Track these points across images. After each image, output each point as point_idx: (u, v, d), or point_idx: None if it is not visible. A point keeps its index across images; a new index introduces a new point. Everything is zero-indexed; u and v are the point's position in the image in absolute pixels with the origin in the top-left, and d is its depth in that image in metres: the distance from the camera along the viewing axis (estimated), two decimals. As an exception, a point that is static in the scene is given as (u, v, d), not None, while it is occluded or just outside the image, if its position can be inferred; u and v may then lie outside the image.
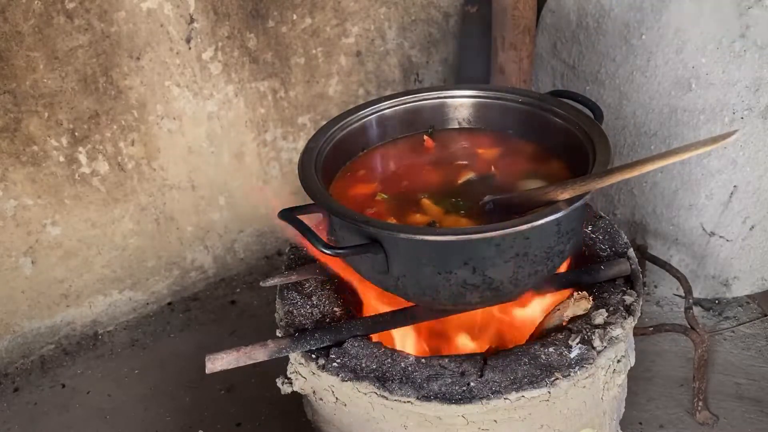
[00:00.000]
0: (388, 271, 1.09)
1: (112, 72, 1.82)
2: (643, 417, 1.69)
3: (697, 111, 1.76)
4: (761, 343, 1.88)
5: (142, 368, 1.98)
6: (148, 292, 2.15)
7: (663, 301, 2.00)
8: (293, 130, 2.19)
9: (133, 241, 2.05)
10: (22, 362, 2.00)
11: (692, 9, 1.73)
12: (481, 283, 1.08)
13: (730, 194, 1.79)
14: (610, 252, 1.38)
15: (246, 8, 1.95)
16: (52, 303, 2.00)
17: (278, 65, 2.07)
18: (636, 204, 1.97)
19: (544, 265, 1.11)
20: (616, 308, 1.24)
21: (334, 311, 1.32)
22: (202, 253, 2.20)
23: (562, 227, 1.09)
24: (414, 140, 1.40)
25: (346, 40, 2.15)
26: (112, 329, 2.11)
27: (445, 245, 1.05)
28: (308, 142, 1.26)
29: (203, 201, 2.13)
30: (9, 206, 1.82)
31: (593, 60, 1.97)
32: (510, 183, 1.24)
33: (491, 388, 1.12)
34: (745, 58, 1.68)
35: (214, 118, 2.03)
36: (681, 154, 0.93)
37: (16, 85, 1.71)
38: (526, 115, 1.34)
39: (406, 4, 2.22)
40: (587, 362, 1.15)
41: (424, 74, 2.37)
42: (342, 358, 1.19)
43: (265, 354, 1.21)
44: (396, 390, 1.13)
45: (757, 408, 1.70)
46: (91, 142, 1.87)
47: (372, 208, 1.21)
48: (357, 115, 1.35)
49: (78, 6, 1.72)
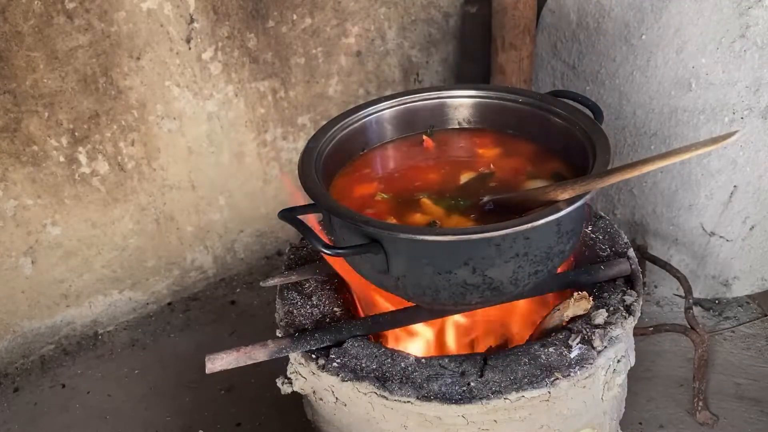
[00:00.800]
0: (388, 271, 1.09)
1: (112, 72, 1.82)
2: (643, 417, 1.69)
3: (697, 111, 1.76)
4: (761, 343, 1.88)
5: (142, 368, 1.98)
6: (148, 292, 2.15)
7: (663, 301, 2.00)
8: (293, 130, 2.19)
9: (133, 241, 2.05)
10: (22, 362, 2.00)
11: (692, 9, 1.73)
12: (481, 283, 1.08)
13: (730, 194, 1.79)
14: (610, 252, 1.38)
15: (246, 8, 1.95)
16: (52, 303, 2.00)
17: (278, 65, 2.07)
18: (636, 204, 1.97)
19: (544, 265, 1.11)
20: (616, 308, 1.24)
21: (334, 311, 1.32)
22: (202, 253, 2.20)
23: (562, 227, 1.09)
24: (414, 140, 1.39)
25: (346, 40, 2.15)
26: (112, 329, 2.11)
27: (445, 245, 1.05)
28: (308, 142, 1.26)
29: (203, 201, 2.13)
30: (9, 206, 1.82)
31: (593, 60, 1.97)
32: (510, 183, 1.24)
33: (491, 388, 1.12)
34: (745, 58, 1.68)
35: (214, 118, 2.03)
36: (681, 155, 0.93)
37: (16, 85, 1.71)
38: (526, 115, 1.34)
39: (406, 4, 2.22)
40: (587, 362, 1.15)
41: (424, 74, 2.37)
42: (342, 358, 1.19)
43: (265, 354, 1.21)
44: (396, 390, 1.13)
45: (757, 408, 1.70)
46: (91, 142, 1.87)
47: (372, 208, 1.21)
48: (357, 115, 1.35)
49: (78, 6, 1.72)
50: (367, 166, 1.34)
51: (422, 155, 1.36)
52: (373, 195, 1.25)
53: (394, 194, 1.25)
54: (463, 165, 1.31)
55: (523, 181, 1.24)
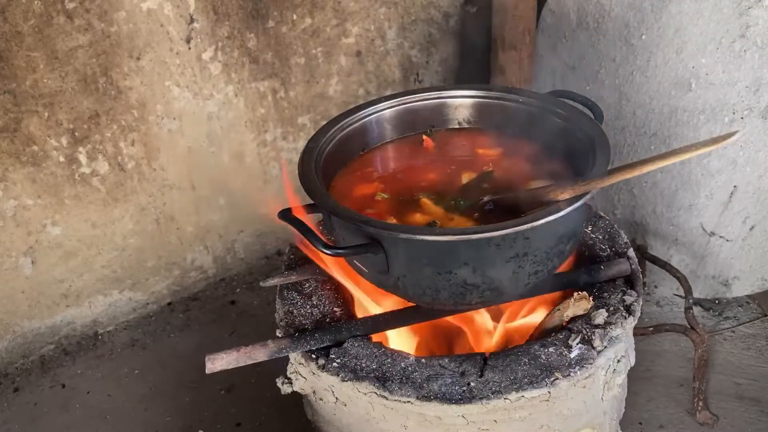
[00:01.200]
0: (388, 271, 1.09)
1: (112, 72, 1.82)
2: (643, 417, 1.69)
3: (697, 111, 1.76)
4: (761, 343, 1.88)
5: (142, 368, 1.98)
6: (148, 292, 2.15)
7: (663, 301, 2.00)
8: (293, 130, 2.19)
9: (133, 241, 2.05)
10: (22, 362, 2.00)
11: (692, 9, 1.73)
12: (481, 283, 1.08)
13: (730, 194, 1.79)
14: (610, 252, 1.38)
15: (246, 8, 1.95)
16: (52, 303, 2.00)
17: (278, 65, 2.07)
18: (636, 204, 1.97)
19: (544, 265, 1.11)
20: (616, 308, 1.24)
21: (334, 311, 1.32)
22: (202, 253, 2.20)
23: (562, 227, 1.09)
24: (414, 140, 1.40)
25: (346, 40, 2.15)
26: (112, 329, 2.11)
27: (445, 245, 1.05)
28: (308, 142, 1.26)
29: (203, 201, 2.13)
30: (9, 206, 1.82)
31: (593, 60, 1.97)
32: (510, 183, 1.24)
33: (491, 388, 1.12)
34: (745, 58, 1.67)
35: (214, 118, 2.03)
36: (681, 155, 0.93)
37: (16, 85, 1.71)
38: (526, 115, 1.34)
39: (406, 4, 2.22)
40: (587, 362, 1.15)
41: (424, 74, 2.37)
42: (342, 358, 1.19)
43: (265, 354, 1.21)
44: (396, 390, 1.13)
45: (757, 408, 1.70)
46: (91, 142, 1.87)
47: (372, 208, 1.21)
48: (357, 115, 1.35)
49: (78, 6, 1.72)
50: (367, 166, 1.34)
51: (422, 155, 1.36)
52: (373, 195, 1.25)
53: (394, 194, 1.25)
54: (463, 165, 1.31)
55: (523, 181, 1.24)
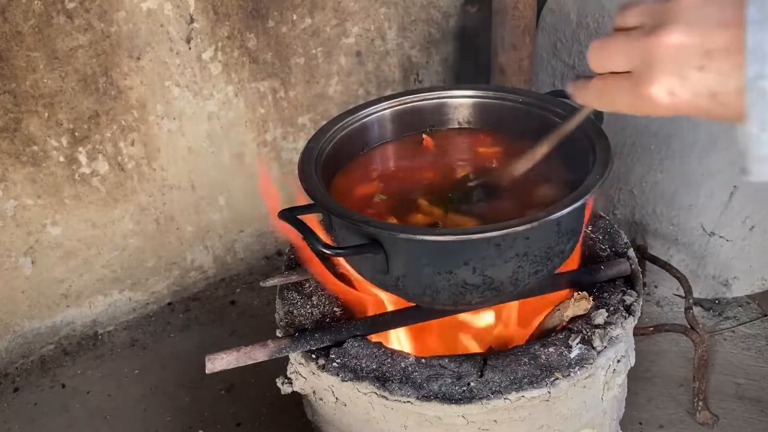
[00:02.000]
0: (388, 271, 1.09)
1: (112, 72, 1.82)
2: (643, 417, 1.69)
3: (697, 111, 1.76)
4: (761, 343, 1.88)
5: (142, 368, 1.98)
6: (148, 292, 2.15)
7: (663, 301, 2.00)
8: (293, 130, 2.19)
9: (133, 241, 2.05)
10: (22, 362, 2.00)
11: (692, 9, 1.73)
12: (482, 283, 1.08)
13: (730, 194, 1.79)
14: (610, 252, 1.38)
15: (246, 8, 1.95)
16: (52, 303, 2.00)
17: (278, 65, 2.07)
18: (636, 204, 1.97)
19: (544, 265, 1.11)
20: (616, 308, 1.24)
21: (334, 311, 1.32)
22: (202, 253, 2.20)
23: (562, 227, 1.09)
24: (414, 140, 1.39)
25: (346, 40, 2.15)
26: (112, 329, 2.11)
27: (445, 245, 1.05)
28: (308, 142, 1.26)
29: (203, 201, 2.13)
30: (9, 206, 1.82)
31: (593, 60, 1.97)
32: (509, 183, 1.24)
33: (491, 388, 1.12)
34: (745, 58, 1.67)
35: (214, 118, 2.03)
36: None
37: (16, 85, 1.71)
38: (526, 115, 1.34)
39: (406, 4, 2.22)
40: (587, 362, 1.15)
41: (424, 74, 2.37)
42: (342, 358, 1.19)
43: (265, 354, 1.21)
44: (396, 390, 1.13)
45: (757, 408, 1.70)
46: (91, 142, 1.87)
47: (372, 208, 1.21)
48: (357, 115, 1.35)
49: (78, 6, 1.72)
50: (367, 166, 1.34)
51: (422, 155, 1.36)
52: (373, 195, 1.25)
53: (394, 194, 1.24)
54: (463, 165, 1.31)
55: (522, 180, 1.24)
